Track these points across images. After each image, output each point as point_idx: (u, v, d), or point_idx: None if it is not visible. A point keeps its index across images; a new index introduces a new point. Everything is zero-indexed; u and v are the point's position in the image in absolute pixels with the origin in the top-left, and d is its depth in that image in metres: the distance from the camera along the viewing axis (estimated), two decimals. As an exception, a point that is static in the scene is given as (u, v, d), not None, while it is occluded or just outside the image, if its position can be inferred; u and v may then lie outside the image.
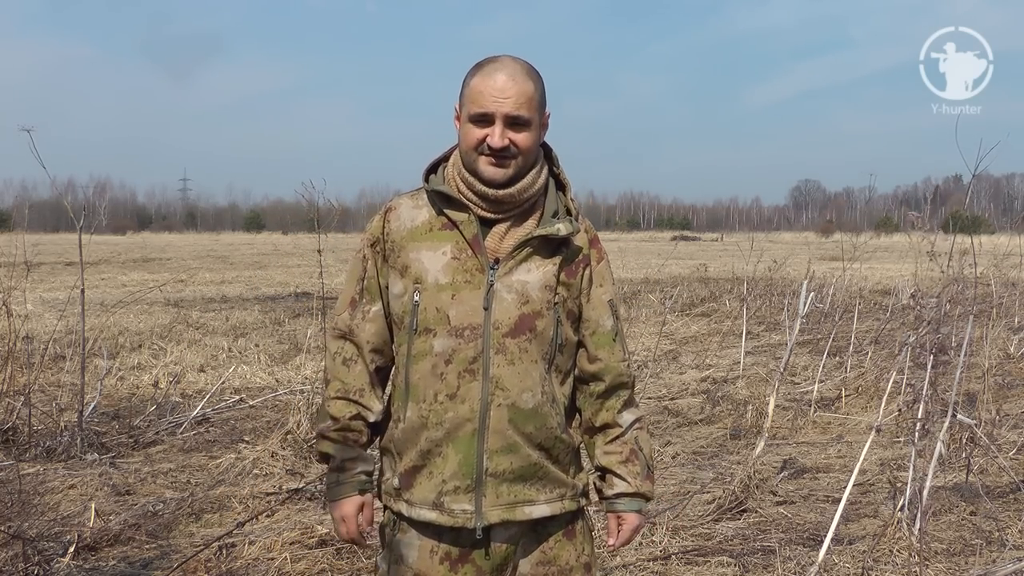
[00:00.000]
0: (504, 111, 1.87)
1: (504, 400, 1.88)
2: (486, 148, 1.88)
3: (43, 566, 3.80)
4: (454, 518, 1.90)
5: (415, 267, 1.92)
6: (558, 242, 1.95)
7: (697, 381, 8.55)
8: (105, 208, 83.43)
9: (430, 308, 1.90)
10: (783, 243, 40.17)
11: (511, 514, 1.91)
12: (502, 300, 1.89)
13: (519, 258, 1.91)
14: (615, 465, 2.03)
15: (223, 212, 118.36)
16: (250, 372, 8.70)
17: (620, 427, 2.04)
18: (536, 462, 1.92)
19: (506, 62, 1.91)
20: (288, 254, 32.46)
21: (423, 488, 1.91)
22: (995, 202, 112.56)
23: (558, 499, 1.96)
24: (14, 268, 7.01)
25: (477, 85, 1.89)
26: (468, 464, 1.88)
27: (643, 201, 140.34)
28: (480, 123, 1.88)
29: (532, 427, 1.91)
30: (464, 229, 1.91)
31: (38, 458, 5.58)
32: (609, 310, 2.02)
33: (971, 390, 6.90)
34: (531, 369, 1.90)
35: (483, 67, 1.91)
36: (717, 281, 17.99)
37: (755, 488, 4.92)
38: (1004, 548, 4.21)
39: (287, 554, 3.98)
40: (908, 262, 9.60)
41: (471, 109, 1.89)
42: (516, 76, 1.89)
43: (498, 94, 1.87)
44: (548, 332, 1.93)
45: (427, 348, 1.89)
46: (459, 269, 1.90)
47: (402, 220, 1.97)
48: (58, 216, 57.21)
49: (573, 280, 1.97)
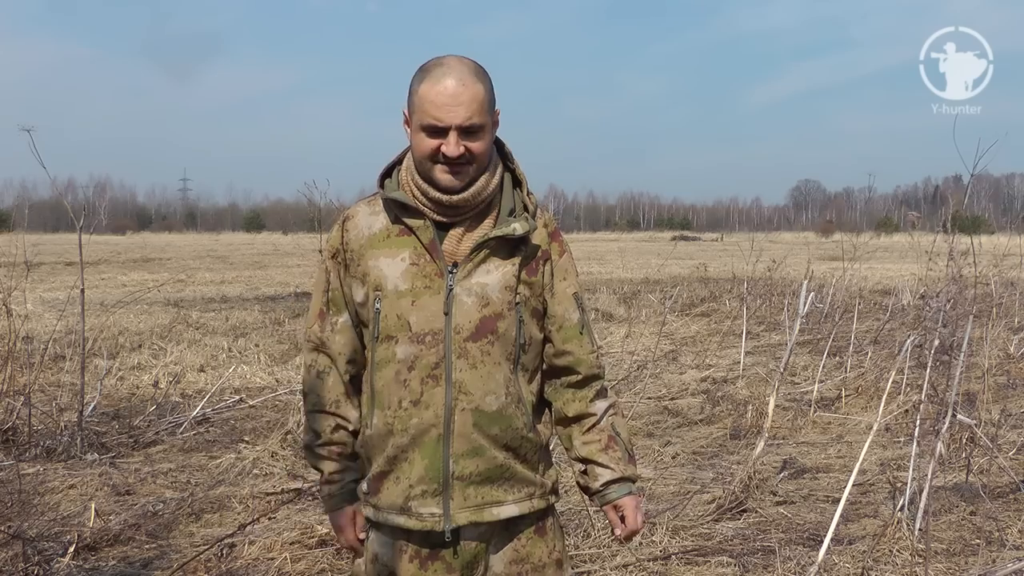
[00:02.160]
0: (457, 122, 1.82)
1: (468, 404, 1.87)
2: (441, 157, 1.85)
3: (43, 566, 3.80)
4: (422, 522, 1.90)
5: (374, 274, 1.91)
6: (516, 240, 1.92)
7: (697, 381, 8.55)
8: (105, 208, 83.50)
9: (391, 315, 1.89)
10: (783, 243, 40.15)
11: (479, 515, 1.92)
12: (462, 304, 1.88)
13: (477, 260, 1.90)
14: (596, 454, 2.03)
15: (223, 212, 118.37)
16: (250, 372, 8.69)
17: (595, 415, 2.03)
18: (502, 463, 1.92)
19: (453, 65, 1.85)
20: (288, 254, 32.46)
21: (390, 493, 1.92)
22: (995, 202, 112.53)
23: (526, 498, 1.96)
24: (14, 268, 7.01)
25: (427, 93, 1.83)
26: (434, 468, 1.89)
27: (643, 201, 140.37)
28: (433, 133, 1.84)
29: (497, 429, 1.90)
30: (421, 235, 1.90)
31: (38, 458, 5.58)
32: (575, 303, 2.01)
33: (971, 390, 6.90)
34: (494, 371, 1.90)
35: (429, 72, 1.85)
36: (717, 281, 17.98)
37: (755, 488, 4.92)
38: (1004, 548, 4.21)
39: (287, 554, 3.98)
40: (908, 262, 9.59)
41: (422, 119, 1.84)
42: (465, 80, 1.83)
43: (450, 102, 1.81)
44: (511, 333, 1.92)
45: (390, 355, 1.89)
46: (418, 275, 1.89)
47: (360, 228, 1.95)
48: (58, 216, 57.25)
49: (535, 278, 1.96)
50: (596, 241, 57.73)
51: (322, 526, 4.25)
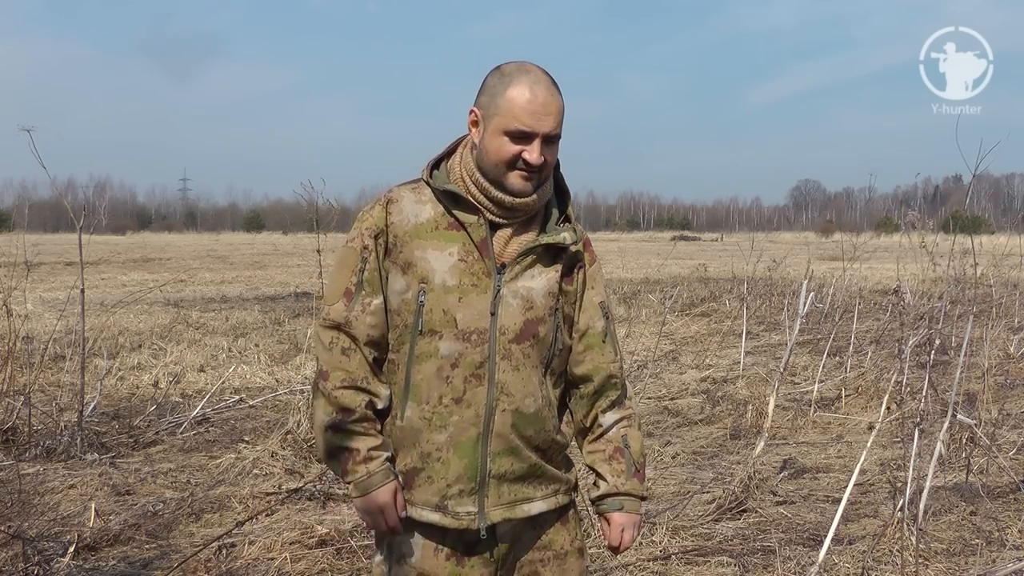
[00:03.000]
0: (546, 130, 1.85)
1: (508, 405, 1.89)
2: (521, 164, 1.86)
3: (43, 566, 3.80)
4: (459, 520, 1.91)
5: (421, 266, 1.88)
6: (559, 249, 1.95)
7: (697, 381, 8.55)
8: (105, 208, 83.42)
9: (436, 309, 1.88)
10: (783, 243, 40.13)
11: (511, 512, 1.94)
12: (508, 306, 1.90)
13: (525, 264, 1.92)
14: (598, 464, 2.06)
15: (223, 212, 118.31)
16: (250, 372, 8.69)
17: (602, 426, 2.05)
18: (535, 463, 1.96)
19: (540, 74, 1.87)
20: (288, 254, 32.45)
21: (424, 491, 1.92)
22: (995, 202, 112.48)
23: (552, 495, 2.00)
24: (14, 268, 7.01)
25: (517, 99, 1.84)
26: (472, 468, 1.90)
27: (643, 201, 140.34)
28: (518, 139, 1.85)
29: (532, 431, 1.93)
30: (473, 232, 1.90)
31: (38, 458, 5.58)
32: (600, 311, 2.04)
33: (971, 390, 6.90)
34: (532, 374, 1.93)
35: (518, 79, 1.86)
36: (717, 281, 17.98)
37: (755, 488, 4.92)
38: (1004, 548, 4.21)
39: (287, 554, 3.98)
40: (908, 262, 9.59)
41: (510, 124, 1.84)
42: (553, 91, 1.87)
43: (541, 111, 1.84)
44: (548, 338, 1.95)
45: (432, 350, 1.88)
46: (466, 272, 1.89)
47: (405, 214, 1.92)
48: (58, 216, 57.18)
49: (571, 286, 1.99)
50: (596, 241, 56.00)
51: (322, 526, 4.25)
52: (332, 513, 4.61)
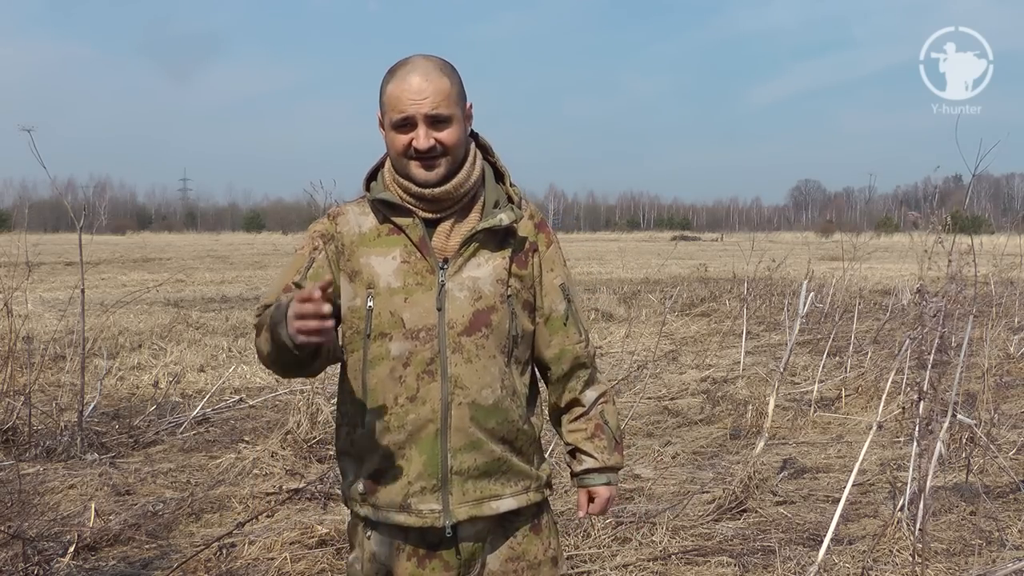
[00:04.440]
0: (424, 111, 1.86)
1: (464, 398, 1.89)
2: (413, 152, 1.88)
3: (43, 566, 3.80)
4: (422, 518, 1.91)
5: (366, 272, 1.91)
6: (504, 233, 1.95)
7: (697, 381, 8.55)
8: (105, 208, 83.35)
9: (384, 312, 1.89)
10: (783, 243, 40.14)
11: (478, 510, 1.93)
12: (455, 299, 1.90)
13: (467, 254, 1.92)
14: (581, 442, 2.08)
15: (223, 212, 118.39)
16: (250, 372, 8.69)
17: (583, 405, 2.08)
18: (500, 456, 1.94)
19: (418, 62, 1.90)
20: (288, 254, 32.43)
21: (389, 491, 1.92)
22: (995, 202, 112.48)
23: (523, 491, 2.00)
24: (15, 268, 7.00)
25: (393, 91, 1.88)
26: (433, 464, 1.90)
27: (643, 201, 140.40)
28: (403, 128, 1.88)
29: (494, 422, 1.92)
30: (410, 232, 1.92)
31: (38, 458, 5.58)
32: (561, 294, 2.03)
33: (971, 390, 6.90)
34: (489, 365, 1.92)
35: (396, 72, 1.90)
36: (717, 281, 17.98)
37: (755, 488, 4.92)
38: (1004, 548, 4.21)
39: (287, 554, 3.98)
40: (908, 262, 9.59)
41: (392, 116, 1.88)
42: (430, 75, 1.88)
43: (415, 95, 1.86)
44: (504, 325, 1.94)
45: (383, 352, 1.89)
46: (409, 272, 1.90)
47: (350, 224, 1.96)
48: (58, 216, 57.26)
49: (525, 270, 1.98)
50: (596, 241, 57.73)
51: (322, 526, 4.25)
52: (332, 513, 4.61)
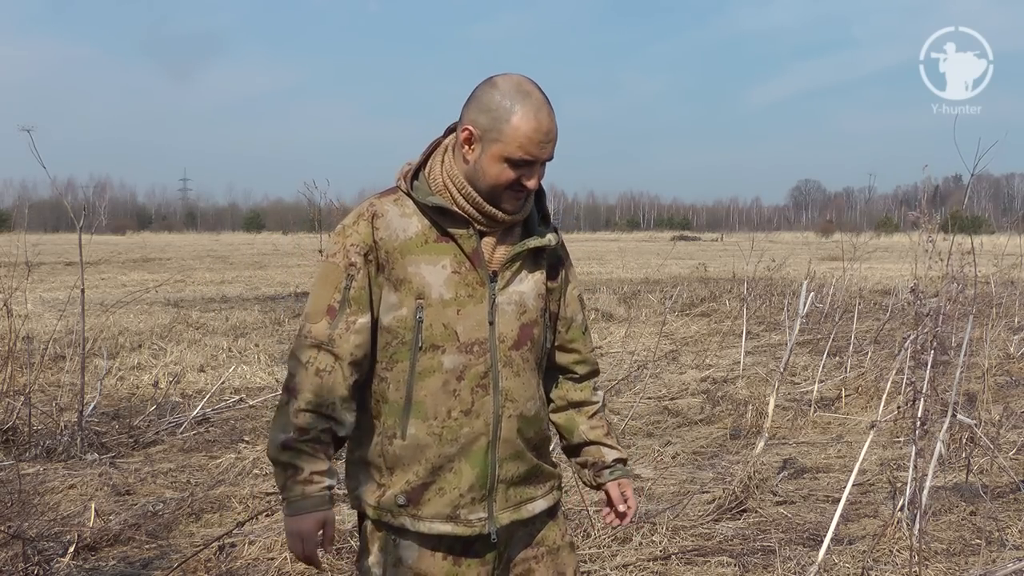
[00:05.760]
0: (546, 157, 1.87)
1: (513, 411, 1.93)
2: (518, 186, 1.87)
3: (43, 566, 3.80)
4: (471, 527, 1.93)
5: (416, 281, 1.86)
6: (540, 249, 1.98)
7: (697, 381, 8.55)
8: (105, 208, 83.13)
9: (436, 324, 1.86)
10: (783, 243, 40.15)
11: (518, 514, 1.98)
12: (504, 313, 1.92)
13: (514, 270, 1.94)
14: (602, 438, 2.15)
15: (223, 212, 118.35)
16: (250, 372, 8.69)
17: (596, 403, 2.17)
18: (535, 463, 2.01)
19: (541, 99, 1.86)
20: (288, 254, 32.41)
21: (435, 504, 1.91)
22: (995, 202, 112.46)
23: (549, 492, 2.06)
24: (14, 268, 7.01)
25: (523, 127, 1.82)
26: (483, 476, 1.92)
27: (643, 201, 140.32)
28: (518, 166, 1.85)
29: (532, 431, 1.99)
30: (463, 243, 1.89)
31: (38, 458, 5.58)
32: (579, 305, 2.12)
33: (971, 390, 6.90)
34: (531, 377, 1.98)
35: (522, 105, 1.83)
36: (717, 281, 17.99)
37: (755, 488, 4.92)
38: (1004, 548, 4.21)
39: (287, 554, 3.97)
40: (908, 262, 9.59)
41: (514, 153, 1.83)
42: (552, 116, 1.87)
43: (544, 139, 1.84)
44: (541, 339, 2.00)
45: (435, 365, 1.87)
46: (460, 283, 1.88)
47: (392, 229, 1.88)
48: (58, 216, 57.23)
49: (556, 284, 2.04)
50: (596, 241, 57.71)
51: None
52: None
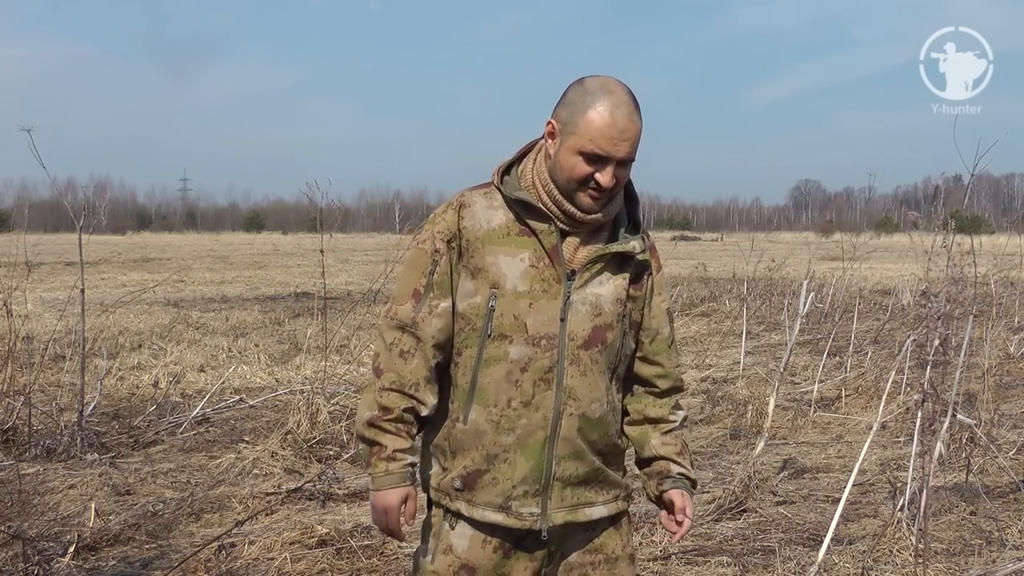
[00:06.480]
0: (621, 155, 1.86)
1: (576, 410, 1.93)
2: (593, 184, 1.87)
3: (43, 566, 3.80)
4: (521, 520, 1.94)
5: (492, 271, 1.91)
6: (625, 255, 1.98)
7: (697, 381, 8.55)
8: (105, 208, 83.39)
9: (507, 314, 1.90)
10: (783, 243, 40.15)
11: (573, 516, 1.98)
12: (577, 312, 1.92)
13: (594, 271, 1.95)
14: (673, 455, 2.11)
15: (223, 212, 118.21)
16: (250, 372, 8.69)
17: (673, 422, 2.12)
18: (597, 467, 2.00)
19: (622, 96, 1.87)
20: (288, 254, 32.44)
21: (488, 492, 1.94)
22: (995, 202, 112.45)
23: (613, 500, 2.05)
24: (14, 268, 7.01)
25: (597, 122, 1.84)
26: (538, 470, 1.93)
27: (643, 201, 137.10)
28: (592, 161, 1.86)
29: (597, 435, 1.98)
30: (544, 238, 1.92)
31: (38, 458, 5.58)
32: (667, 318, 2.10)
33: (971, 390, 6.90)
34: (599, 380, 1.96)
35: (600, 99, 1.85)
36: (717, 281, 17.98)
37: (755, 488, 4.92)
38: (1004, 548, 4.22)
39: (287, 554, 3.98)
40: (908, 262, 9.60)
41: (586, 146, 1.85)
42: (633, 115, 1.86)
43: (619, 136, 1.84)
44: (616, 344, 1.98)
45: (501, 354, 1.91)
46: (537, 278, 1.91)
47: (477, 219, 1.94)
48: (58, 216, 57.22)
49: (639, 292, 2.03)
50: (596, 241, 57.50)
51: (322, 526, 4.25)
52: (332, 513, 4.62)
